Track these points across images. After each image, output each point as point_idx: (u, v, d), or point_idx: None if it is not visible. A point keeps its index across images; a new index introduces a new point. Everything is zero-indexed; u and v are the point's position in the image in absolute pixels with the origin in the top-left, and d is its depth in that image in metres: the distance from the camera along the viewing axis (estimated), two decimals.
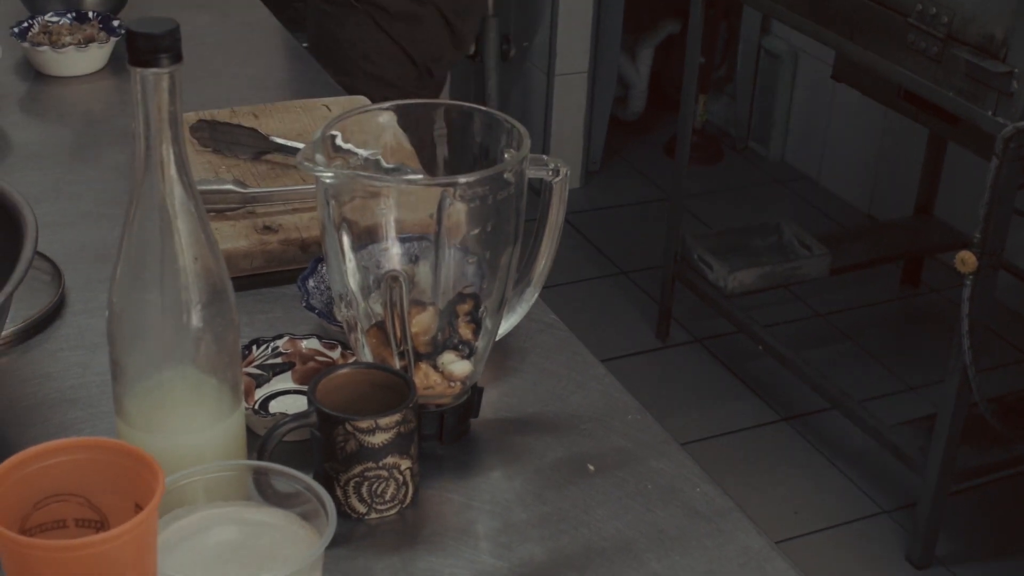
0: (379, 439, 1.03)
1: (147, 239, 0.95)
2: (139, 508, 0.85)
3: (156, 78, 0.91)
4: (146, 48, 0.90)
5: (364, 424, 1.03)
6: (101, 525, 0.89)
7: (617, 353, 3.31)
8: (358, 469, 1.04)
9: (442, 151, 1.20)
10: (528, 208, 1.12)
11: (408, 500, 1.08)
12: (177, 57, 0.91)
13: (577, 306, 3.48)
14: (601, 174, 4.17)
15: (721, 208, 3.99)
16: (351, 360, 1.18)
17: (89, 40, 1.86)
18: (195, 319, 0.96)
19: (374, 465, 1.04)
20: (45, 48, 1.83)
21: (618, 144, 4.29)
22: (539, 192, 1.17)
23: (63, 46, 1.83)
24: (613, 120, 4.20)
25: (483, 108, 1.18)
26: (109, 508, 0.89)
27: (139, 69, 0.91)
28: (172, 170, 0.94)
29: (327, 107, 1.68)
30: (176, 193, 0.94)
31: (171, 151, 0.93)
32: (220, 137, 1.54)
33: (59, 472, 0.88)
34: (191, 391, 0.99)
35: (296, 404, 1.18)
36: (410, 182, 1.13)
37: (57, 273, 1.35)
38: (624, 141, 4.33)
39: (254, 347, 1.20)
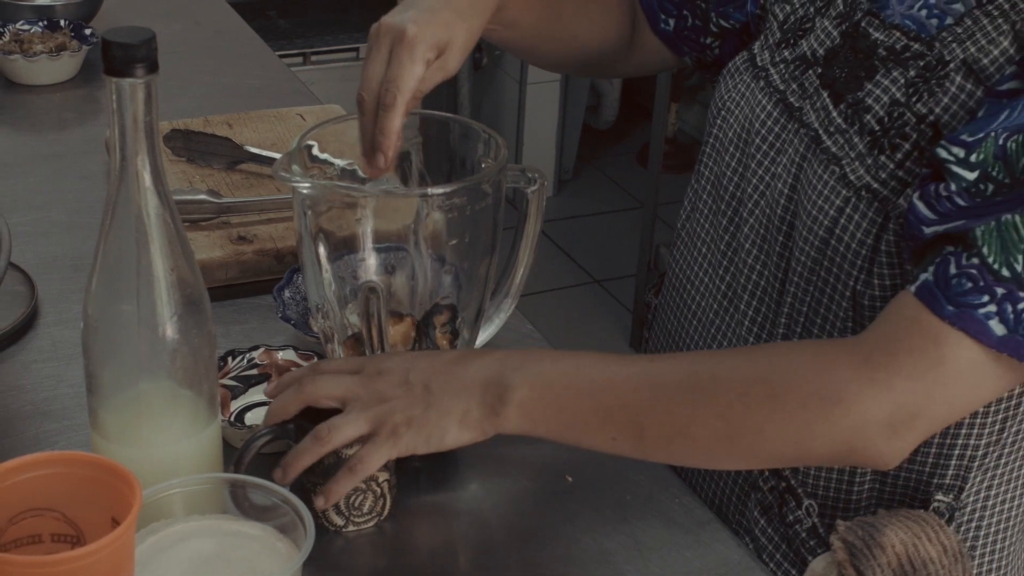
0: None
1: (123, 250, 0.94)
2: (116, 522, 0.84)
3: (132, 88, 0.90)
4: (122, 58, 0.89)
5: None
6: (77, 540, 0.89)
7: None
8: None
9: (418, 161, 1.19)
10: (505, 217, 1.12)
11: (386, 513, 1.07)
12: (153, 67, 0.90)
13: (550, 315, 3.48)
14: (574, 183, 4.17)
15: None
16: None
17: (61, 48, 1.84)
18: (171, 331, 0.95)
19: None
20: (16, 56, 1.81)
21: (590, 153, 4.29)
22: (512, 201, 1.17)
23: (35, 54, 1.82)
24: (585, 129, 4.20)
25: (460, 117, 1.18)
26: (85, 522, 0.88)
27: (114, 79, 0.90)
28: (148, 180, 0.93)
29: (301, 116, 1.67)
30: (152, 203, 0.93)
31: (147, 161, 0.92)
32: (194, 147, 1.54)
33: (35, 486, 0.87)
34: (167, 403, 0.98)
35: None
36: (387, 192, 1.13)
37: (30, 284, 1.34)
38: (597, 150, 4.33)
39: (230, 358, 1.19)
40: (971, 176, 0.97)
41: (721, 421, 0.99)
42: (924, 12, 1.08)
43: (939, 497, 1.10)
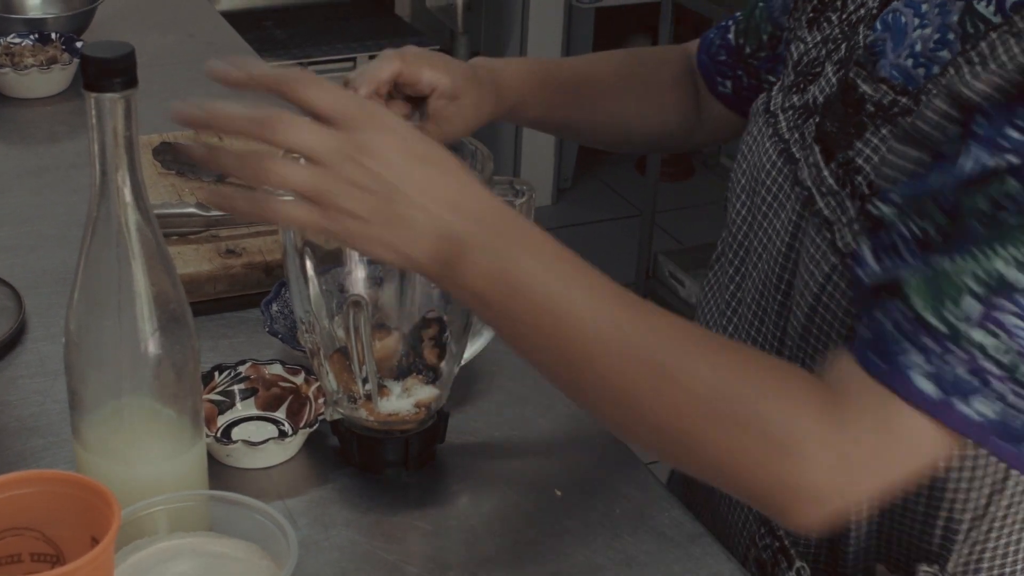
0: None
1: (103, 266, 0.93)
2: (95, 541, 0.83)
3: (111, 103, 0.89)
4: (100, 73, 0.88)
5: None
6: (57, 559, 0.88)
7: None
8: None
9: None
10: None
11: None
12: (132, 82, 0.90)
13: None
14: (572, 191, 4.16)
15: (692, 224, 3.99)
16: (314, 384, 1.17)
17: (52, 61, 1.84)
18: (153, 347, 0.95)
19: None
20: (7, 70, 1.81)
21: (589, 161, 4.29)
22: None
23: (25, 68, 1.81)
24: None
25: None
26: (65, 542, 0.87)
27: (93, 94, 0.89)
28: (128, 196, 0.92)
29: None
30: (132, 219, 0.92)
31: (127, 177, 0.92)
32: (183, 159, 1.53)
33: (13, 506, 0.86)
34: (150, 420, 0.98)
35: (260, 431, 1.16)
36: None
37: (18, 298, 1.33)
38: (595, 158, 4.33)
39: (216, 373, 1.19)
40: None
41: (674, 417, 0.91)
42: (911, 62, 0.99)
43: (924, 568, 1.06)
